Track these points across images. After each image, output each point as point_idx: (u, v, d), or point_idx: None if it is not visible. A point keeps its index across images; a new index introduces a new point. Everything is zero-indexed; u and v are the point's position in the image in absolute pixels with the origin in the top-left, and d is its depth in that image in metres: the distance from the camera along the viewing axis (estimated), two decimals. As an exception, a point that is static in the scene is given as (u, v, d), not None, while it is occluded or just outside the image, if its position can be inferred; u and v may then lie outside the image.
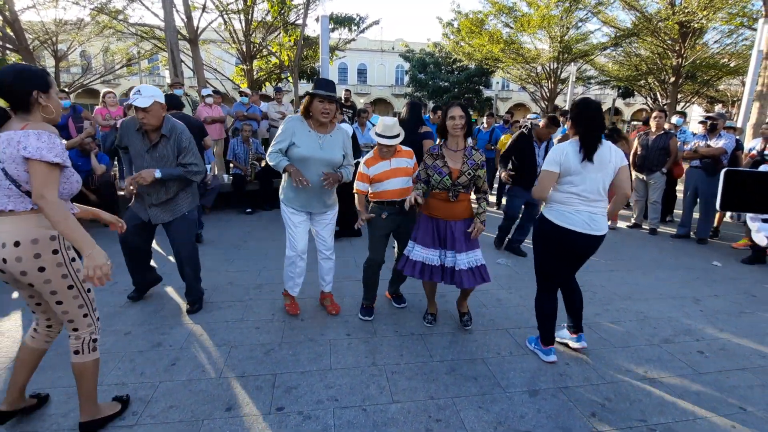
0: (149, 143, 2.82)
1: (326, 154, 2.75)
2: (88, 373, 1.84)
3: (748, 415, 2.11)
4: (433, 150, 2.65)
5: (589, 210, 2.32)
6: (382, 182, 2.89)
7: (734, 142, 5.16)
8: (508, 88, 37.31)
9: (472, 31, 16.76)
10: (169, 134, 2.82)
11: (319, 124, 2.73)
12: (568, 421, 2.03)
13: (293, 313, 3.08)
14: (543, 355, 2.55)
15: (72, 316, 1.77)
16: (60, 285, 1.69)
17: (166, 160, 2.84)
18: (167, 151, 2.84)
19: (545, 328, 2.54)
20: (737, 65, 14.05)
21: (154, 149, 2.82)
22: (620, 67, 16.97)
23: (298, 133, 2.71)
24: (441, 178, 2.56)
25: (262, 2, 12.36)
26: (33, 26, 13.52)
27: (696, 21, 11.63)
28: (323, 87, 2.67)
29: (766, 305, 3.48)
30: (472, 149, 2.65)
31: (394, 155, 2.92)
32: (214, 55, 17.18)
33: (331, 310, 3.12)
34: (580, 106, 2.34)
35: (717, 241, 5.52)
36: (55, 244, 1.66)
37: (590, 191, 2.30)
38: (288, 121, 2.76)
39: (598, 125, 2.30)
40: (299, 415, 2.03)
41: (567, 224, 2.32)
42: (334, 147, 2.79)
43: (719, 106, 18.87)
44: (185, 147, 2.86)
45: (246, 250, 4.59)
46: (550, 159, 2.36)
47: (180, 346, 2.63)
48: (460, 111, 2.54)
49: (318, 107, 2.65)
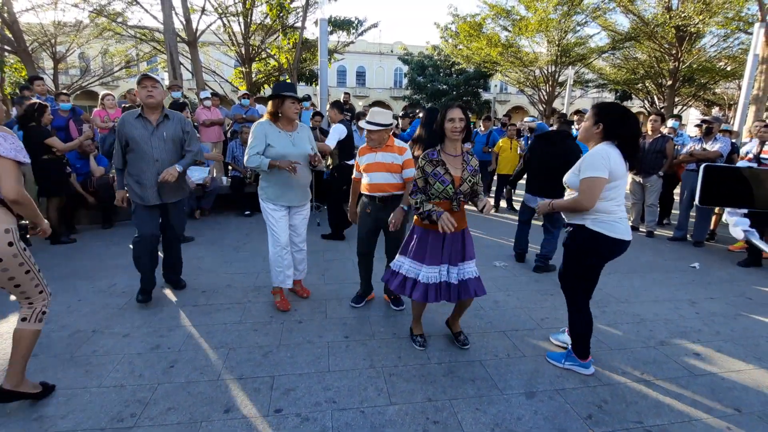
0: (152, 125, 2.97)
1: (299, 149, 3.01)
2: (25, 342, 1.99)
3: (743, 417, 2.12)
4: (432, 156, 2.39)
5: (624, 216, 2.26)
6: (366, 174, 2.98)
7: (730, 145, 5.19)
8: (506, 91, 37.43)
9: (470, 34, 16.85)
10: (171, 115, 3.07)
11: (289, 122, 3.01)
12: (564, 423, 2.05)
13: (285, 308, 3.16)
14: (584, 369, 2.44)
15: (29, 294, 1.99)
16: (17, 271, 1.89)
17: (172, 141, 3.04)
18: (171, 131, 3.04)
19: (585, 341, 2.43)
20: (733, 69, 14.16)
21: (158, 130, 2.98)
22: (618, 71, 17.07)
23: (270, 135, 2.94)
24: (444, 187, 2.33)
25: (261, 5, 12.39)
26: (32, 28, 13.54)
27: (692, 25, 11.72)
28: (291, 89, 2.98)
29: (761, 308, 3.50)
30: (468, 154, 2.48)
31: (382, 149, 2.92)
32: (213, 58, 17.23)
33: (302, 293, 3.42)
34: (618, 112, 2.19)
35: (713, 243, 5.56)
36: (9, 236, 1.83)
37: (622, 197, 2.26)
38: (257, 126, 2.97)
39: (639, 131, 2.23)
40: (297, 417, 2.04)
41: (618, 234, 2.19)
42: (303, 141, 3.06)
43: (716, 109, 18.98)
44: (189, 132, 3.15)
45: (244, 252, 4.59)
46: (597, 165, 2.11)
47: (178, 348, 2.63)
48: (460, 113, 2.33)
49: (291, 107, 2.94)
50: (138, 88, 2.94)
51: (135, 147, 2.95)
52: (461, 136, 2.37)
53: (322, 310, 3.22)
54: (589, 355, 2.47)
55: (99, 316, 3.04)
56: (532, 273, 4.18)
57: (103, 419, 1.98)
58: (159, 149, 2.99)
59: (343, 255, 4.55)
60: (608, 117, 2.19)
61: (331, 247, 4.86)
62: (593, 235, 2.22)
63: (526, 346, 2.76)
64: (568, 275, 2.42)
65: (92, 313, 3.07)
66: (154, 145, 2.97)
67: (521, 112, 35.61)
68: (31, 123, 4.38)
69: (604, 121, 2.19)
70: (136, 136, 2.93)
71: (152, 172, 2.99)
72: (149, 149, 2.96)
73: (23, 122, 4.42)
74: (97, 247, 4.66)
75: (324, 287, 3.68)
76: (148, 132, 2.96)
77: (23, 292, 1.96)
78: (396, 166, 2.93)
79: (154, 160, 2.98)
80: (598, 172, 2.12)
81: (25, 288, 1.95)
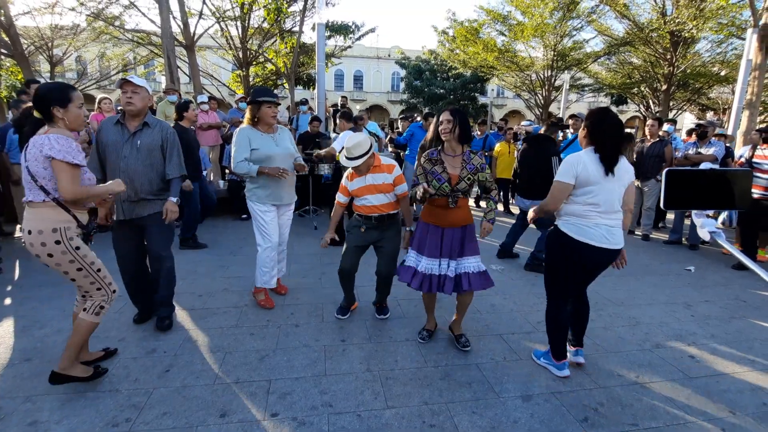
0: (129, 132, 2.72)
1: (282, 149, 3.13)
2: (81, 330, 2.16)
3: (737, 419, 2.14)
4: (431, 155, 2.56)
5: (606, 223, 2.22)
6: (359, 198, 2.91)
7: (724, 150, 5.25)
8: (503, 96, 37.61)
9: (467, 39, 16.96)
10: (152, 124, 2.78)
11: (268, 126, 3.10)
12: (561, 425, 2.05)
13: (271, 305, 3.29)
14: (556, 370, 2.46)
15: (85, 289, 2.17)
16: (69, 267, 2.05)
17: (147, 151, 2.74)
18: (148, 140, 2.74)
19: (557, 341, 2.45)
20: (727, 74, 14.29)
21: (134, 137, 2.72)
22: (613, 75, 17.21)
23: (253, 138, 3.02)
24: (440, 185, 2.48)
25: (259, 9, 12.44)
26: (29, 31, 13.52)
27: (687, 31, 11.84)
28: (269, 94, 3.05)
29: (755, 310, 3.53)
30: (470, 153, 2.55)
31: (369, 171, 2.87)
32: (211, 62, 17.23)
33: (280, 290, 3.55)
34: (598, 116, 2.23)
35: (708, 246, 5.59)
36: (57, 235, 1.98)
37: (608, 203, 2.20)
38: (239, 132, 3.04)
39: (621, 136, 2.21)
40: (294, 421, 2.03)
41: (585, 238, 2.22)
42: (285, 141, 3.19)
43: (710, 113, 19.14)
44: (172, 149, 2.82)
45: (241, 255, 4.58)
46: (564, 170, 2.23)
47: (174, 352, 2.62)
48: (448, 115, 2.49)
49: (267, 112, 3.02)
50: (120, 93, 2.72)
51: (108, 155, 2.72)
52: (450, 136, 2.49)
53: (318, 314, 3.22)
54: (564, 357, 2.47)
55: (94, 320, 3.02)
56: (528, 276, 4.19)
57: (97, 424, 1.97)
58: (129, 158, 2.70)
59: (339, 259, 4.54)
60: (589, 121, 2.26)
61: (328, 251, 4.84)
62: (560, 235, 2.32)
63: (522, 350, 2.77)
64: (546, 271, 2.50)
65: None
66: (125, 153, 2.69)
67: (518, 116, 35.78)
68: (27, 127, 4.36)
69: (587, 125, 2.27)
70: (108, 143, 2.71)
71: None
72: (118, 159, 2.69)
73: (20, 126, 4.41)
74: (94, 250, 4.63)
75: (321, 291, 3.68)
76: (122, 139, 2.71)
77: (80, 286, 2.16)
78: (387, 186, 2.88)
79: (120, 170, 2.67)
80: (563, 177, 2.24)
81: (80, 283, 2.13)
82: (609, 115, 2.22)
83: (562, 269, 2.37)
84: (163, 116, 6.45)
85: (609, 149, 2.18)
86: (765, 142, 4.57)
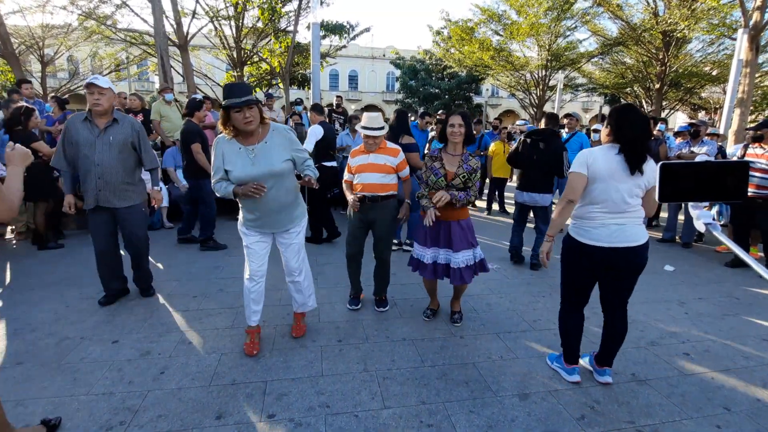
0: (99, 129, 2.93)
1: (262, 168, 2.32)
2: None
3: (732, 416, 2.15)
4: (433, 152, 2.86)
5: (616, 222, 2.13)
6: (359, 174, 3.03)
7: (716, 148, 5.30)
8: (497, 95, 37.77)
9: (462, 38, 17.00)
10: (120, 120, 3.01)
11: (248, 134, 2.33)
12: (557, 424, 2.06)
13: (249, 353, 2.58)
14: (566, 374, 2.43)
15: None
16: None
17: (119, 146, 2.99)
18: (120, 135, 2.99)
19: (568, 346, 2.42)
20: (719, 73, 14.45)
21: (105, 134, 2.95)
22: (607, 75, 17.33)
23: (227, 155, 2.34)
24: (437, 179, 2.77)
25: (253, 9, 12.38)
26: (19, 31, 13.36)
27: (678, 31, 11.95)
28: (235, 94, 2.21)
29: (748, 307, 3.56)
30: (469, 156, 2.81)
31: (375, 151, 3.01)
32: (205, 61, 17.13)
33: (292, 331, 2.84)
34: (624, 113, 2.13)
35: (701, 245, 5.64)
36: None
37: (611, 202, 2.11)
38: (215, 145, 2.39)
39: (649, 133, 2.13)
40: (290, 422, 2.02)
41: (589, 240, 2.16)
42: (270, 155, 2.35)
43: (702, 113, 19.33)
44: (143, 143, 3.12)
45: (236, 256, 4.55)
46: (578, 163, 2.17)
47: (169, 354, 2.60)
48: (460, 120, 2.74)
49: (238, 118, 2.24)
50: (86, 93, 2.91)
51: (78, 151, 2.92)
52: (460, 140, 2.77)
53: (315, 314, 3.20)
54: (576, 362, 2.43)
55: (87, 323, 2.99)
56: (524, 275, 4.20)
57: (91, 427, 1.95)
58: (102, 153, 2.94)
59: (336, 259, 4.53)
60: (612, 119, 2.15)
61: (325, 252, 4.84)
62: (569, 239, 2.31)
63: (519, 348, 2.77)
64: (561, 277, 2.43)
65: (80, 321, 3.02)
66: (98, 149, 2.93)
67: (512, 115, 35.94)
68: (18, 127, 4.32)
69: (610, 123, 2.16)
70: (80, 140, 2.90)
71: (93, 175, 2.95)
72: (91, 153, 2.92)
73: (10, 126, 4.36)
74: (85, 252, 4.59)
75: (317, 291, 3.65)
76: (93, 136, 2.93)
77: None
78: (389, 168, 3.01)
79: (94, 164, 2.93)
80: (576, 168, 2.18)
81: None
82: (635, 112, 2.12)
83: (571, 274, 2.34)
84: (158, 116, 6.39)
85: (637, 147, 2.07)
86: (756, 141, 4.61)
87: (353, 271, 3.28)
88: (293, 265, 2.68)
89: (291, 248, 2.64)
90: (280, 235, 2.61)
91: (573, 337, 2.40)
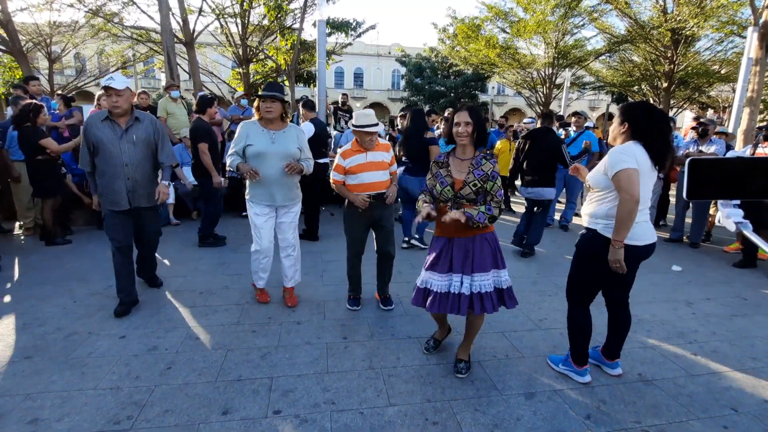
0: (121, 129, 2.90)
1: (279, 148, 2.98)
2: None
3: (739, 417, 2.13)
4: (439, 158, 2.40)
5: (645, 219, 2.14)
6: (357, 175, 2.96)
7: (725, 148, 5.23)
8: (503, 93, 37.56)
9: (468, 35, 16.90)
10: (142, 118, 2.99)
11: (268, 121, 2.99)
12: (563, 423, 2.05)
13: (263, 301, 3.30)
14: (577, 376, 2.39)
15: None
16: None
17: (143, 143, 2.98)
18: (143, 133, 2.98)
19: (580, 346, 2.37)
20: (728, 72, 14.27)
21: (127, 133, 2.92)
22: (614, 73, 17.17)
23: (251, 134, 2.98)
24: (442, 189, 2.28)
25: (259, 6, 12.38)
26: (26, 28, 13.45)
27: (687, 29, 11.81)
28: (267, 89, 3.01)
29: (756, 308, 3.53)
30: (482, 158, 2.27)
31: (372, 149, 2.99)
32: (210, 59, 17.16)
33: (287, 302, 3.31)
34: (644, 110, 2.09)
35: (709, 244, 5.59)
36: None
37: (645, 198, 2.09)
38: (242, 126, 3.03)
39: (670, 127, 2.10)
40: (296, 418, 2.03)
41: (636, 241, 2.10)
42: (287, 141, 3.02)
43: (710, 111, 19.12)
44: (161, 138, 3.09)
45: (242, 253, 4.57)
46: (623, 158, 2.02)
47: (176, 349, 2.62)
48: (466, 116, 2.22)
49: (262, 106, 2.95)
50: (104, 96, 2.92)
51: (103, 151, 2.86)
52: (468, 140, 2.24)
53: (320, 311, 3.21)
54: (586, 362, 2.41)
55: (95, 318, 3.02)
56: (530, 274, 4.19)
57: (99, 422, 1.97)
58: (128, 153, 2.91)
59: (342, 256, 4.52)
60: (633, 115, 2.10)
61: (330, 248, 4.85)
62: (603, 241, 2.13)
63: (524, 347, 2.76)
64: (573, 276, 2.37)
65: (88, 315, 3.05)
66: (123, 148, 2.89)
67: (518, 113, 35.75)
68: (26, 123, 4.35)
69: (630, 119, 2.10)
70: (103, 139, 2.85)
71: (122, 176, 2.91)
72: (118, 153, 2.88)
73: (18, 122, 4.40)
74: (92, 248, 4.63)
75: (323, 288, 3.67)
76: (116, 135, 2.88)
77: None
78: (386, 164, 3.06)
79: (123, 164, 2.90)
80: (626, 164, 2.01)
81: None
82: (656, 109, 2.08)
83: (590, 274, 2.27)
84: (165, 113, 6.42)
85: (658, 144, 2.04)
86: (767, 140, 4.55)
87: (357, 272, 3.25)
88: (291, 240, 3.21)
89: (290, 226, 3.20)
90: (282, 209, 3.14)
91: (584, 336, 2.38)
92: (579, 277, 2.34)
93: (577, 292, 2.37)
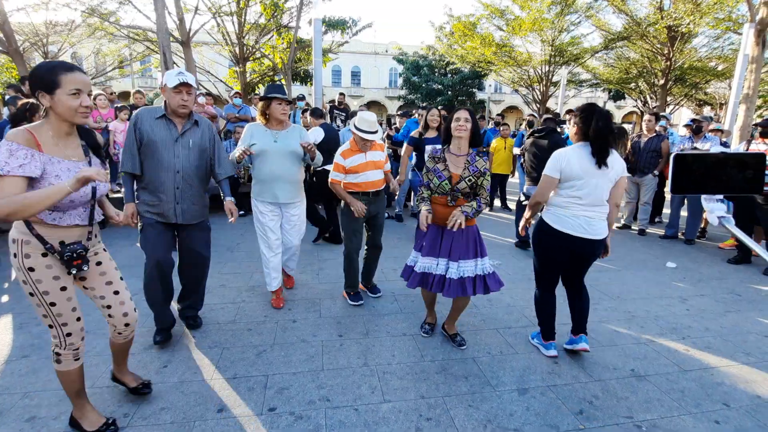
0: (178, 132, 2.52)
1: (282, 146, 3.02)
2: (61, 379, 1.86)
3: (731, 411, 2.16)
4: (435, 153, 2.57)
5: (586, 215, 2.35)
6: (358, 174, 3.10)
7: (720, 144, 5.26)
8: (500, 91, 37.53)
9: (464, 33, 16.89)
10: (200, 122, 2.62)
11: (278, 122, 3.04)
12: (556, 418, 2.07)
13: (278, 306, 3.26)
14: (544, 349, 2.66)
15: (41, 320, 1.77)
16: (24, 288, 1.69)
17: (198, 150, 2.59)
18: (199, 139, 2.59)
19: (545, 324, 2.65)
20: (724, 69, 14.31)
21: (184, 137, 2.53)
22: (611, 70, 17.20)
23: (255, 134, 3.02)
24: (440, 182, 2.47)
25: (255, 4, 12.36)
26: (23, 28, 13.39)
27: (684, 25, 11.83)
28: (278, 91, 3.00)
29: (750, 304, 3.55)
30: (476, 155, 2.51)
31: (370, 149, 3.14)
32: (207, 58, 17.11)
33: (286, 284, 3.57)
34: (588, 111, 2.31)
35: (704, 241, 5.62)
36: (14, 247, 1.65)
37: (592, 196, 2.32)
38: (247, 127, 3.08)
39: (609, 130, 2.27)
40: (291, 415, 2.04)
41: (563, 228, 2.37)
42: (289, 139, 3.05)
43: (707, 108, 19.17)
44: (217, 146, 2.71)
45: (239, 252, 4.58)
46: (550, 165, 2.38)
47: (172, 348, 2.63)
48: (466, 114, 2.50)
49: (277, 109, 2.98)
50: (170, 92, 2.43)
51: (154, 152, 2.48)
52: (464, 135, 2.48)
53: (316, 309, 3.23)
54: (552, 337, 2.65)
55: (92, 317, 3.02)
56: (525, 271, 4.21)
57: (95, 419, 1.97)
58: (182, 158, 2.52)
59: (337, 254, 4.54)
60: (579, 118, 2.35)
61: (326, 247, 4.86)
62: (543, 223, 2.48)
63: (518, 343, 2.78)
64: (534, 258, 2.64)
65: (84, 314, 3.01)
66: (177, 153, 2.51)
67: (516, 111, 35.78)
68: (23, 123, 4.35)
69: (577, 122, 2.36)
70: (157, 140, 2.47)
71: (172, 185, 2.52)
72: (171, 158, 2.49)
73: (15, 122, 4.39)
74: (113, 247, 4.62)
75: (318, 286, 3.69)
76: (172, 137, 2.50)
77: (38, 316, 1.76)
78: (382, 163, 3.21)
79: (175, 171, 2.51)
80: (549, 171, 2.39)
81: (35, 311, 1.75)
82: (597, 110, 2.30)
83: (545, 257, 2.53)
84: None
85: (599, 144, 2.26)
86: (762, 137, 4.58)
87: (355, 266, 3.33)
88: (293, 241, 3.29)
89: (296, 227, 3.26)
90: (286, 207, 3.16)
91: (549, 315, 2.62)
92: (536, 259, 2.64)
93: (539, 275, 2.64)
